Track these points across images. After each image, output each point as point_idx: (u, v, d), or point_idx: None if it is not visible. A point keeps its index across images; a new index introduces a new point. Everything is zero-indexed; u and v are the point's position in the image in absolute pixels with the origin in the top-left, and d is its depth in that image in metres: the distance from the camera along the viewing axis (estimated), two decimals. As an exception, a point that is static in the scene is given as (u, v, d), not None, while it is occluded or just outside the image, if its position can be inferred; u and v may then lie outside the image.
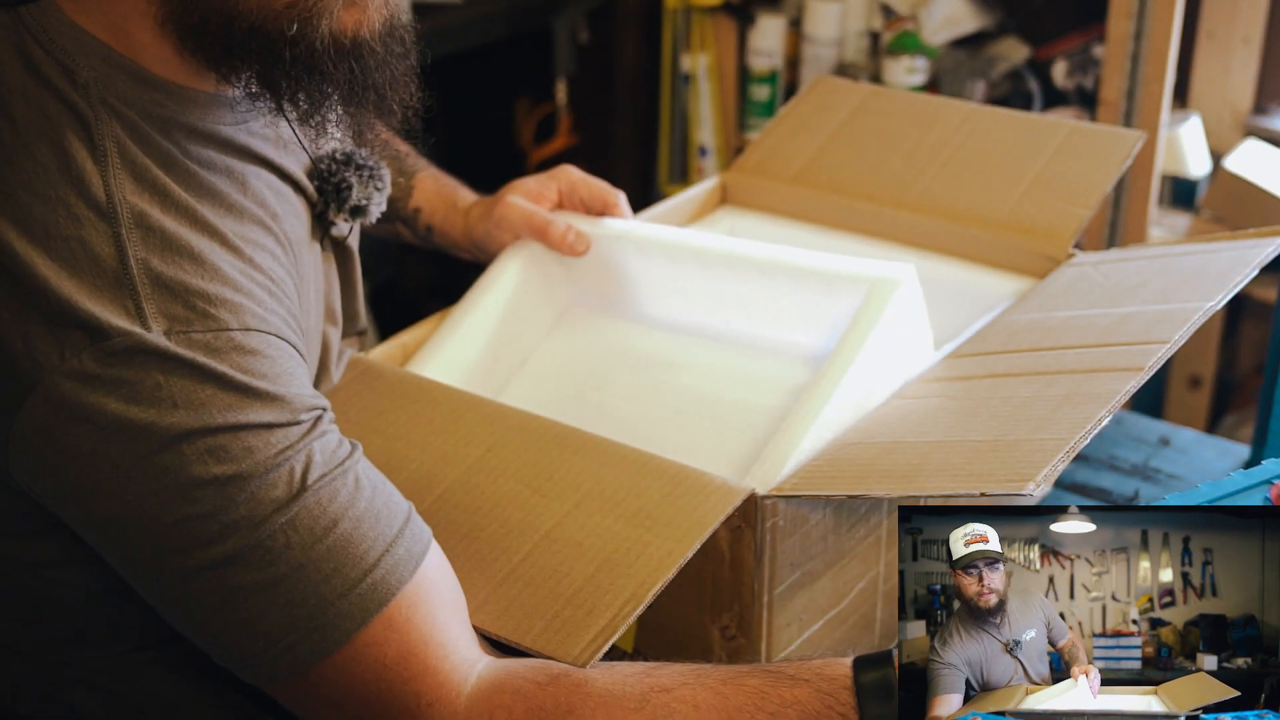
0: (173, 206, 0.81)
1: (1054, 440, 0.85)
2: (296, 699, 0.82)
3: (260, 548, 0.77)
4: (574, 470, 0.91)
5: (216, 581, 0.78)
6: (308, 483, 0.79)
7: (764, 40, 2.43)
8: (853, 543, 0.98)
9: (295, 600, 0.78)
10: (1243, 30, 2.16)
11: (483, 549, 0.88)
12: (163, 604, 0.81)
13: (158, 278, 0.78)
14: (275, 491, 0.78)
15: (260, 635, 0.78)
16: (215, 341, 0.78)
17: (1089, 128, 1.32)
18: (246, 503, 0.77)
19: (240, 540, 0.77)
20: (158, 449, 0.76)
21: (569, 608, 0.82)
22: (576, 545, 0.86)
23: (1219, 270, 1.04)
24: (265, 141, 0.91)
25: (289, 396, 0.80)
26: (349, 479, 0.81)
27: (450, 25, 2.30)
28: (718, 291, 1.16)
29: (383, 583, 0.79)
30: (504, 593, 0.85)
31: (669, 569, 0.82)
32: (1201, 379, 2.26)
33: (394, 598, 0.79)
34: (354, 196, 0.97)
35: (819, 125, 1.41)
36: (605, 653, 0.98)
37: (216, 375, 0.78)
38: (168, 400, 0.76)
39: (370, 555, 0.79)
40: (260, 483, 0.77)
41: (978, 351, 1.05)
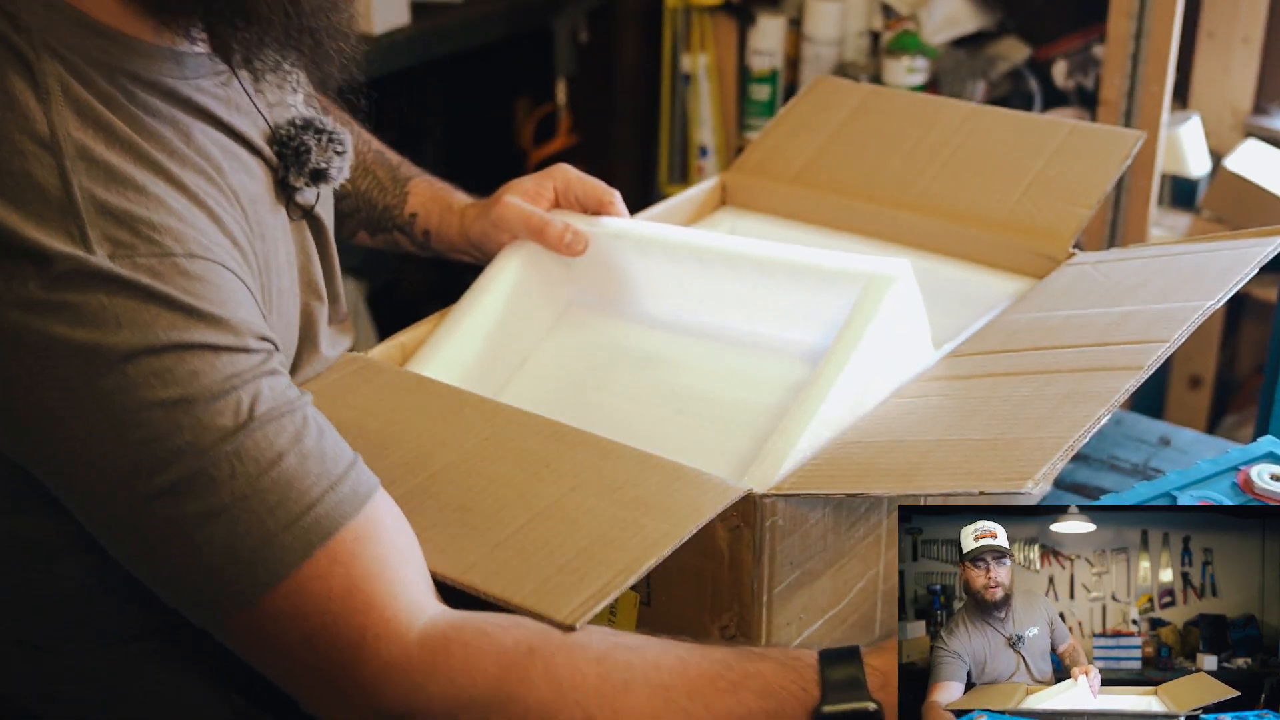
0: (116, 142, 0.82)
1: (1053, 439, 0.85)
2: (245, 639, 0.82)
3: (205, 475, 0.77)
4: (572, 461, 0.91)
5: (162, 512, 0.78)
6: (255, 414, 0.79)
7: (764, 40, 2.43)
8: (852, 542, 0.98)
9: (239, 531, 0.78)
10: (1243, 30, 2.16)
11: (475, 519, 0.87)
12: (114, 542, 0.82)
13: (102, 205, 0.79)
14: (222, 419, 0.78)
15: (205, 568, 0.78)
16: (160, 266, 0.79)
17: (1089, 127, 1.32)
18: (192, 429, 0.77)
19: (185, 467, 0.77)
20: (104, 371, 0.76)
21: (561, 574, 0.82)
22: (572, 523, 0.85)
23: (1219, 270, 1.04)
24: (215, 100, 0.91)
25: (235, 321, 0.81)
26: (297, 418, 0.81)
27: (450, 25, 2.30)
28: (716, 290, 1.15)
29: (326, 517, 0.79)
30: (495, 557, 0.84)
31: (665, 547, 0.82)
32: (1201, 379, 2.26)
33: (338, 532, 0.79)
34: (313, 159, 0.97)
35: (819, 125, 1.41)
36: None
37: (161, 295, 0.78)
38: (112, 321, 0.77)
39: (315, 490, 0.79)
40: (206, 409, 0.78)
41: (977, 351, 1.05)
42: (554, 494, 0.88)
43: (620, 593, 0.80)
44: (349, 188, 1.25)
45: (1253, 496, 0.96)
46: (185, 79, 0.89)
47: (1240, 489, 0.97)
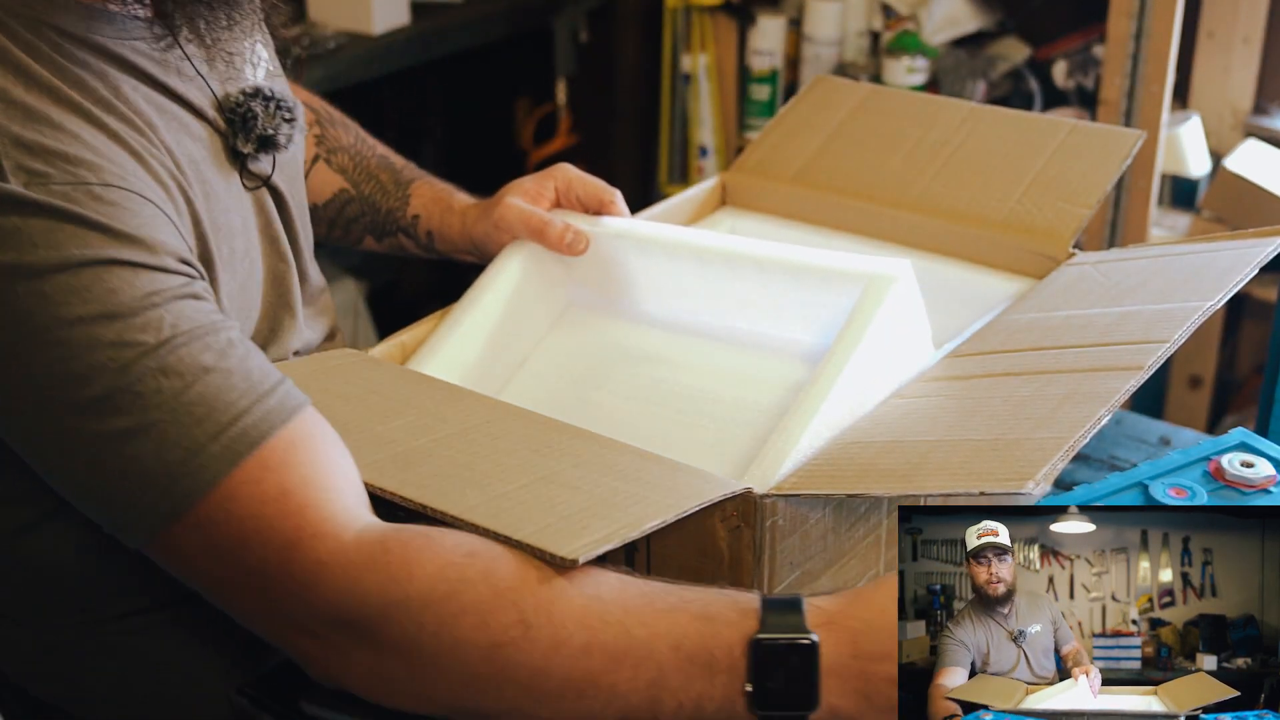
0: (36, 86, 0.83)
1: (1053, 439, 0.85)
2: (179, 553, 0.81)
3: (129, 391, 0.77)
4: (574, 446, 0.91)
5: (88, 428, 0.78)
6: (179, 331, 0.79)
7: (764, 40, 2.43)
8: (852, 542, 0.98)
9: (167, 445, 0.77)
10: (1243, 30, 2.16)
11: (477, 476, 0.86)
12: (45, 463, 0.82)
13: (17, 139, 0.80)
14: (143, 335, 0.78)
15: (135, 483, 0.78)
16: (75, 192, 0.80)
17: (1089, 127, 1.32)
18: (113, 345, 0.77)
19: (108, 383, 0.77)
20: (21, 290, 0.77)
21: (563, 522, 0.81)
22: (574, 489, 0.85)
23: (1219, 270, 1.04)
24: (151, 62, 0.91)
25: (154, 241, 0.81)
26: (222, 337, 0.81)
27: (450, 25, 2.30)
28: (717, 290, 1.15)
29: (255, 427, 0.79)
30: (497, 504, 0.83)
31: (671, 513, 0.81)
32: (1201, 379, 2.26)
33: (268, 440, 0.79)
34: (259, 126, 0.97)
35: (819, 125, 1.41)
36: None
37: (76, 216, 0.79)
38: (27, 241, 0.77)
39: (242, 402, 0.79)
40: (127, 325, 0.78)
41: (977, 351, 1.05)
42: (555, 466, 0.88)
43: (624, 542, 0.79)
44: (353, 193, 1.26)
45: (1224, 484, 0.97)
46: (119, 39, 0.89)
47: (1212, 476, 0.98)
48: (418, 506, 0.83)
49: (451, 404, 0.97)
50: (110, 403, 0.77)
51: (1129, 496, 0.97)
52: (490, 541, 0.79)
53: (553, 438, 0.93)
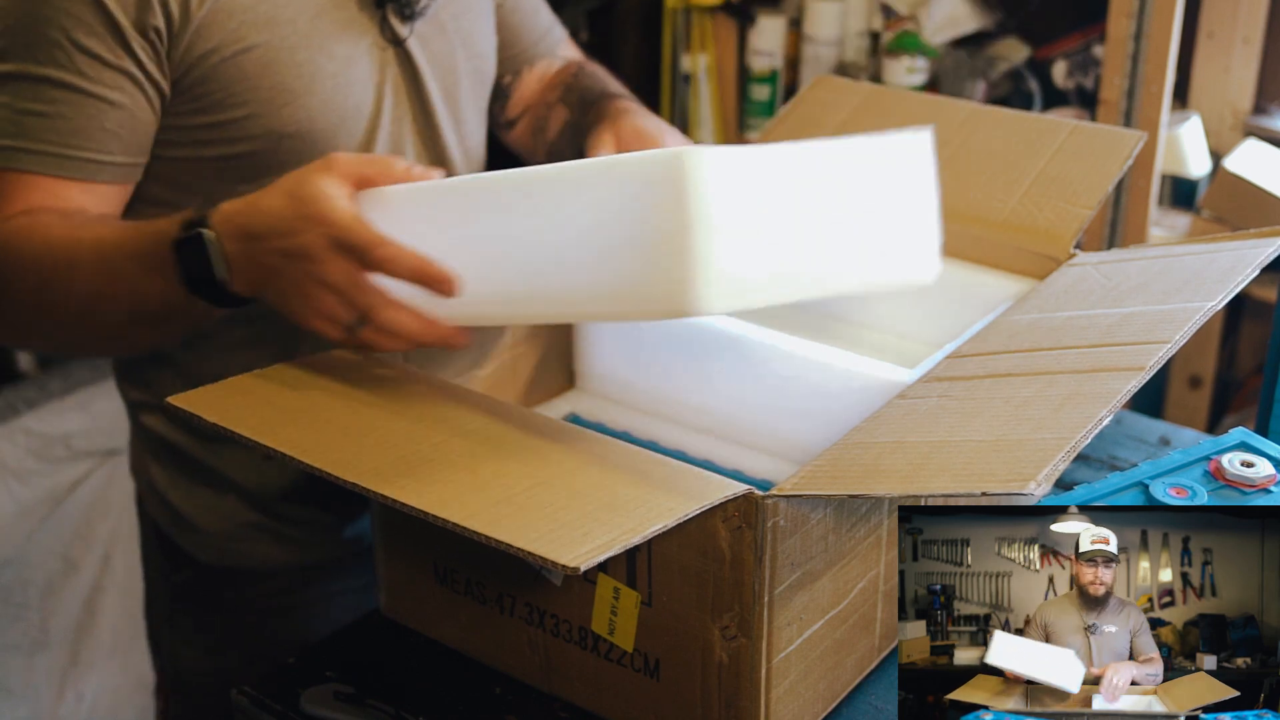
0: None
1: (1055, 440, 0.85)
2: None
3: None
4: (575, 447, 0.92)
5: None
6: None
7: (764, 40, 2.43)
8: (853, 542, 0.98)
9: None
10: (1243, 30, 2.16)
11: (478, 480, 0.87)
12: None
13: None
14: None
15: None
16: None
17: (1089, 128, 1.32)
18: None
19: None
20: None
21: (565, 529, 0.81)
22: (576, 493, 0.85)
23: (1219, 270, 1.05)
24: None
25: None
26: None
27: (450, 25, 2.30)
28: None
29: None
30: (499, 511, 0.83)
31: (674, 516, 0.82)
32: (1201, 379, 2.26)
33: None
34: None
35: (819, 125, 1.41)
36: (609, 658, 0.98)
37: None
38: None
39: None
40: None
41: (979, 352, 1.05)
42: (558, 469, 0.88)
43: (626, 547, 0.80)
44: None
45: (1224, 483, 0.98)
46: None
47: (1212, 476, 0.98)
48: (419, 514, 0.84)
49: (452, 405, 0.98)
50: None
51: (1129, 496, 0.97)
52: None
53: (553, 440, 0.93)
